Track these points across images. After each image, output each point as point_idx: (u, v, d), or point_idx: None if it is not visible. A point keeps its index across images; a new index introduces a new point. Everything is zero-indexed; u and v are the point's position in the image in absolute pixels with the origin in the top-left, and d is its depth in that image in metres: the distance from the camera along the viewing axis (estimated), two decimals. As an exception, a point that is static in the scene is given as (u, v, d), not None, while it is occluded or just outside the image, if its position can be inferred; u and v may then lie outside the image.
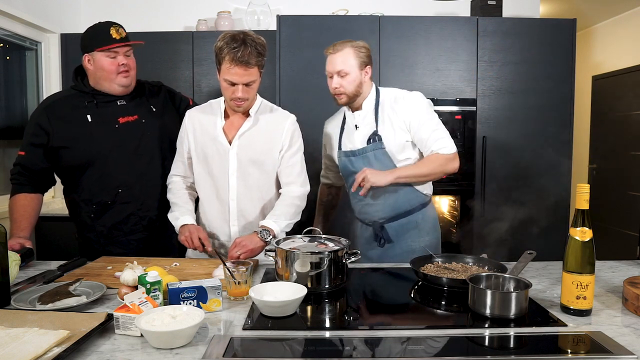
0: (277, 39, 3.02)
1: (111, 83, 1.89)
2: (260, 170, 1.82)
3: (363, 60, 1.87)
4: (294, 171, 1.85)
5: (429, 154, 1.85)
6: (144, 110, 1.98)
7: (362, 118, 1.93)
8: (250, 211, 1.84)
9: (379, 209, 1.92)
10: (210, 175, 1.84)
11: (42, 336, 1.02)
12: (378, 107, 1.91)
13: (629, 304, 1.24)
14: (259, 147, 1.81)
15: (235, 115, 1.83)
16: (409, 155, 1.89)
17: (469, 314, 1.24)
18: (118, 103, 1.93)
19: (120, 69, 1.87)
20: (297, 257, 1.39)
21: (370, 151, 1.88)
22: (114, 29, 1.87)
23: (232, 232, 1.84)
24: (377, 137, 1.87)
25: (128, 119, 1.93)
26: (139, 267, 1.37)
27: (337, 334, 1.14)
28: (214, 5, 3.62)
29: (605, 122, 5.01)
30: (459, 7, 3.56)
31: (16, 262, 1.46)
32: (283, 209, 1.79)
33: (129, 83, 1.93)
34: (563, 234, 3.05)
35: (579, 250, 1.20)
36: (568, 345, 1.09)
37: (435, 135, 1.83)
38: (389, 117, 1.88)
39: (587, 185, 1.21)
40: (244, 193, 1.82)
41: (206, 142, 1.83)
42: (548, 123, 3.09)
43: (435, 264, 1.57)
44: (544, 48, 3.07)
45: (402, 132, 1.86)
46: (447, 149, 1.83)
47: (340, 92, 1.88)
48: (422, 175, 1.85)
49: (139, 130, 1.94)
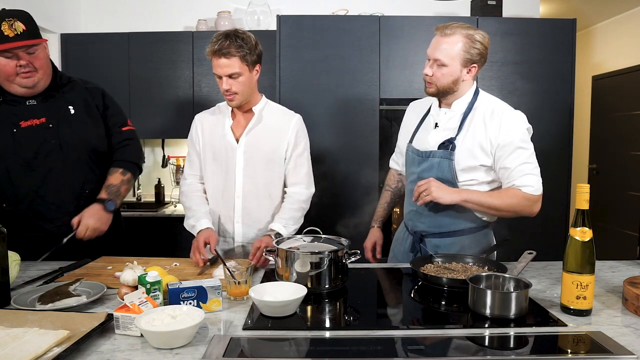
0: (277, 39, 3.02)
1: (10, 84, 1.68)
2: (266, 168, 1.84)
3: (470, 56, 1.59)
4: (301, 171, 1.87)
5: (508, 187, 1.60)
6: (57, 113, 1.76)
7: (446, 119, 1.69)
8: (255, 210, 1.85)
9: (424, 220, 1.73)
10: (217, 173, 1.86)
11: (42, 336, 1.02)
12: (469, 112, 1.65)
13: (629, 304, 1.24)
14: (266, 144, 1.83)
15: (241, 115, 1.86)
16: (477, 178, 1.63)
17: (469, 314, 1.23)
18: (27, 103, 1.72)
19: (19, 70, 1.64)
20: (297, 257, 1.39)
21: (437, 158, 1.65)
22: (7, 24, 1.59)
23: (236, 230, 1.86)
24: (452, 146, 1.63)
25: (32, 122, 1.71)
26: (139, 267, 1.37)
27: (337, 334, 1.14)
28: (214, 5, 3.63)
29: (605, 122, 5.01)
30: (459, 7, 3.56)
31: (16, 262, 1.46)
32: (291, 213, 1.82)
33: (33, 84, 1.69)
34: (563, 234, 3.05)
35: (579, 250, 1.20)
36: (568, 345, 1.09)
37: (523, 169, 1.57)
38: (475, 129, 1.62)
39: (587, 185, 1.21)
40: (250, 191, 1.84)
41: (215, 141, 1.86)
42: (548, 123, 3.09)
43: (435, 264, 1.57)
44: (544, 48, 3.07)
45: (480, 153, 1.61)
46: (533, 189, 1.57)
47: (430, 81, 1.65)
48: (493, 207, 1.60)
49: (41, 136, 1.72)
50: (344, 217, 2.86)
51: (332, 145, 3.01)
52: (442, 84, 1.63)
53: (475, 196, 1.60)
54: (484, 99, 1.68)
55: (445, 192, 1.58)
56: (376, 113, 3.03)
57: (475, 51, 1.59)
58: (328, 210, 2.83)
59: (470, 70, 1.63)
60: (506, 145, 1.58)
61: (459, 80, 1.63)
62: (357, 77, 3.02)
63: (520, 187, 1.58)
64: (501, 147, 1.59)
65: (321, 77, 3.02)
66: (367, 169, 3.02)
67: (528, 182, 1.57)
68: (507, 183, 1.61)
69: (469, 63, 1.61)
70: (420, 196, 1.59)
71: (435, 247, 1.72)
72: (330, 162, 3.00)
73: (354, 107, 3.02)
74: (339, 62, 3.01)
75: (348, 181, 3.02)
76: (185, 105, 3.36)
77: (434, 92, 1.67)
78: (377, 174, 3.02)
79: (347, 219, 2.73)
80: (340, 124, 3.02)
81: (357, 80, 3.02)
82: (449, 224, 1.69)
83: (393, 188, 2.04)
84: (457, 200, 1.58)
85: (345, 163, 3.03)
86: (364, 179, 3.01)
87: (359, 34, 3.01)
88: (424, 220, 1.73)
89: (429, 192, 1.57)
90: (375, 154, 3.03)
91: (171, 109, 3.38)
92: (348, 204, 2.98)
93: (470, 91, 1.68)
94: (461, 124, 1.65)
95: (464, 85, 1.66)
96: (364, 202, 2.88)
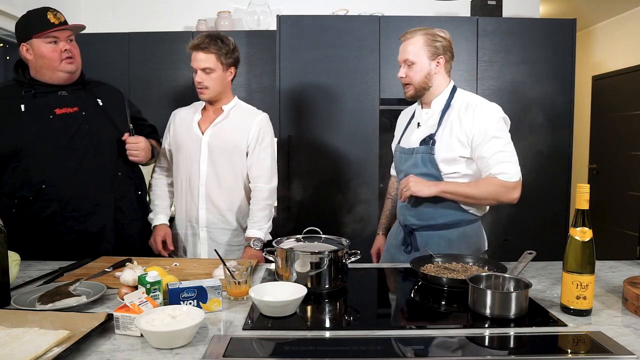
0: (277, 39, 3.02)
1: (54, 71, 1.79)
2: (228, 160, 1.98)
3: (435, 49, 1.72)
4: (263, 165, 2.01)
5: (486, 176, 1.68)
6: (87, 103, 1.88)
7: (427, 117, 1.81)
8: (218, 197, 1.99)
9: (413, 214, 1.81)
10: (183, 163, 2.02)
11: (42, 336, 1.02)
12: (447, 109, 1.76)
13: (629, 304, 1.24)
14: (229, 138, 1.98)
15: (211, 112, 2.03)
16: (459, 170, 1.72)
17: (469, 314, 1.23)
18: (59, 93, 1.83)
19: (63, 55, 1.77)
20: (297, 257, 1.39)
21: (420, 154, 1.75)
22: (51, 14, 1.76)
23: (201, 216, 2.00)
24: (432, 142, 1.73)
25: (66, 110, 1.81)
26: (139, 267, 1.37)
27: (337, 334, 1.14)
28: (214, 5, 3.62)
29: (605, 122, 5.01)
30: (459, 7, 3.56)
31: (16, 262, 1.46)
32: (259, 213, 1.98)
33: (75, 69, 1.83)
34: (563, 234, 3.05)
35: (579, 250, 1.20)
36: (568, 345, 1.09)
37: (498, 157, 1.65)
38: (452, 124, 1.72)
39: (587, 185, 1.21)
40: (213, 180, 1.98)
41: (183, 133, 2.03)
42: (548, 123, 3.08)
43: (435, 264, 1.57)
44: (544, 48, 3.07)
45: (458, 146, 1.69)
46: (509, 175, 1.64)
47: (406, 82, 1.77)
48: (472, 197, 1.68)
49: (76, 123, 1.82)
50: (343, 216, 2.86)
51: (332, 145, 3.02)
52: (417, 81, 1.75)
53: (452, 187, 1.69)
54: (460, 95, 1.79)
55: (423, 185, 1.67)
56: (376, 113, 3.03)
57: (438, 44, 1.73)
58: (328, 210, 2.83)
59: (438, 62, 1.74)
60: (481, 134, 1.66)
61: (431, 73, 1.75)
62: (357, 77, 3.02)
63: (496, 174, 1.65)
64: (477, 137, 1.67)
65: (321, 77, 3.01)
66: (366, 168, 3.02)
67: (504, 170, 1.64)
68: (485, 172, 1.69)
69: (435, 56, 1.73)
70: (402, 192, 1.70)
71: (424, 240, 1.79)
72: (330, 161, 3.00)
73: (354, 107, 3.02)
74: (339, 62, 3.01)
75: (348, 181, 3.02)
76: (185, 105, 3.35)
77: (413, 93, 1.79)
78: (376, 173, 3.02)
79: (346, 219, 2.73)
80: (340, 123, 3.02)
81: (357, 80, 3.02)
82: (434, 216, 1.77)
83: (393, 195, 2.12)
84: (435, 192, 1.67)
85: (345, 162, 3.03)
86: (363, 178, 3.01)
87: (359, 34, 3.01)
88: (411, 214, 1.82)
89: (408, 187, 1.68)
90: (375, 153, 3.03)
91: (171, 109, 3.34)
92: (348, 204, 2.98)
93: (448, 89, 1.80)
94: (440, 120, 1.75)
95: (437, 80, 1.77)
96: (364, 202, 2.88)
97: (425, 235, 1.79)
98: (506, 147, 1.68)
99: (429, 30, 1.74)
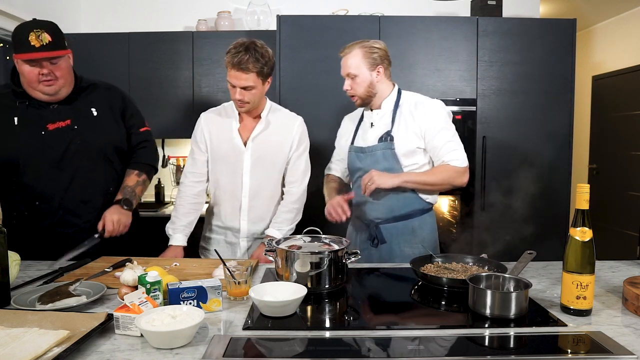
0: (277, 39, 3.02)
1: (33, 90, 1.75)
2: (270, 169, 1.95)
3: (374, 61, 1.85)
4: (298, 170, 1.99)
5: (439, 164, 1.84)
6: (80, 115, 1.83)
7: (379, 117, 1.92)
8: (260, 207, 1.97)
9: (376, 208, 1.91)
10: (225, 174, 1.95)
11: (42, 336, 1.02)
12: (397, 108, 1.89)
13: (629, 304, 1.24)
14: (271, 147, 1.94)
15: (248, 118, 1.95)
16: (417, 161, 1.87)
17: (469, 314, 1.24)
18: (51, 107, 1.80)
19: (41, 78, 1.70)
20: (297, 257, 1.39)
21: (380, 150, 1.87)
22: (34, 35, 1.65)
23: (242, 227, 1.97)
24: (390, 138, 1.86)
25: (59, 125, 1.79)
26: (139, 267, 1.37)
27: (337, 334, 1.14)
28: (214, 5, 3.63)
29: (605, 122, 5.01)
30: (459, 7, 3.56)
31: (16, 262, 1.46)
32: (283, 215, 1.96)
33: (54, 92, 1.76)
34: (563, 234, 3.05)
35: (579, 250, 1.20)
36: (568, 345, 1.09)
37: (449, 146, 1.82)
38: (406, 120, 1.86)
39: (587, 185, 1.21)
40: (256, 191, 1.95)
41: (222, 143, 1.94)
42: (548, 123, 3.09)
43: (435, 264, 1.57)
44: (544, 48, 3.07)
45: (415, 138, 1.84)
46: (459, 161, 1.81)
47: (351, 94, 1.90)
48: (430, 183, 1.83)
49: (67, 138, 1.79)
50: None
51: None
52: (361, 92, 1.88)
53: (412, 176, 1.83)
54: (406, 96, 1.93)
55: (386, 177, 1.79)
56: (376, 113, 3.03)
57: (375, 55, 1.85)
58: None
59: (378, 72, 1.87)
60: (433, 127, 1.83)
61: (373, 82, 1.87)
62: (357, 77, 3.02)
63: (449, 161, 1.82)
64: (429, 129, 1.83)
65: (321, 77, 3.01)
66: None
67: (455, 157, 1.82)
68: (437, 160, 1.85)
69: (374, 66, 1.86)
70: (366, 187, 1.78)
71: (389, 232, 1.90)
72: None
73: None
74: (339, 62, 3.00)
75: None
76: (185, 105, 3.36)
77: (360, 103, 1.93)
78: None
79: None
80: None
81: (357, 80, 3.02)
82: (398, 207, 1.89)
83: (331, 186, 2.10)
84: (398, 183, 1.79)
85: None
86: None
87: (359, 34, 2.99)
88: (376, 208, 1.91)
89: (372, 181, 1.77)
90: (375, 154, 3.03)
91: (171, 109, 3.38)
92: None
93: (394, 92, 1.93)
94: (393, 119, 1.88)
95: (381, 86, 1.89)
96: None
97: (389, 227, 1.90)
98: (454, 137, 1.85)
99: (364, 42, 1.86)
